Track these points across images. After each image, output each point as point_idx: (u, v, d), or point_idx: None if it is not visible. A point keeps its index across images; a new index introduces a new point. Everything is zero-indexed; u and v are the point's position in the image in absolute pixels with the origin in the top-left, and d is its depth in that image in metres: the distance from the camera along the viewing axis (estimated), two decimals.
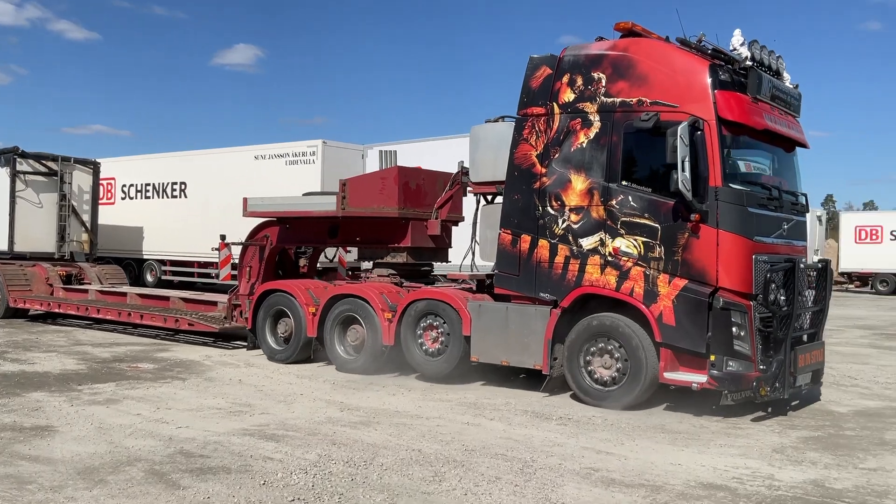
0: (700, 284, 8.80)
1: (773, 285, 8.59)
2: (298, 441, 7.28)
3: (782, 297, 8.64)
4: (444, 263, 13.80)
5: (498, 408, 9.12)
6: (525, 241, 10.17)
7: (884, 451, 6.98)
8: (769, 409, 8.98)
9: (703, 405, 9.19)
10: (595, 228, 9.54)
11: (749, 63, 8.99)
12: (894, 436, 7.55)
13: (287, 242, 14.24)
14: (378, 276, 12.74)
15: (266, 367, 12.07)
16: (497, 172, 10.74)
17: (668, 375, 9.07)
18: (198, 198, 24.76)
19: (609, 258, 9.41)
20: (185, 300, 16.01)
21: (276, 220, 13.88)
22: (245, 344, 14.12)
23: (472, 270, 12.17)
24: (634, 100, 9.27)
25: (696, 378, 8.82)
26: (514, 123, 10.68)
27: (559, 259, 9.83)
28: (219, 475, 6.22)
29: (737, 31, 9.19)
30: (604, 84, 9.52)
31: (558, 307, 9.92)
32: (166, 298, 16.36)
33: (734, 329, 8.54)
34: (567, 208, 9.84)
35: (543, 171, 10.04)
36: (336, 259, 16.53)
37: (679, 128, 8.47)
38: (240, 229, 15.19)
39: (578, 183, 9.73)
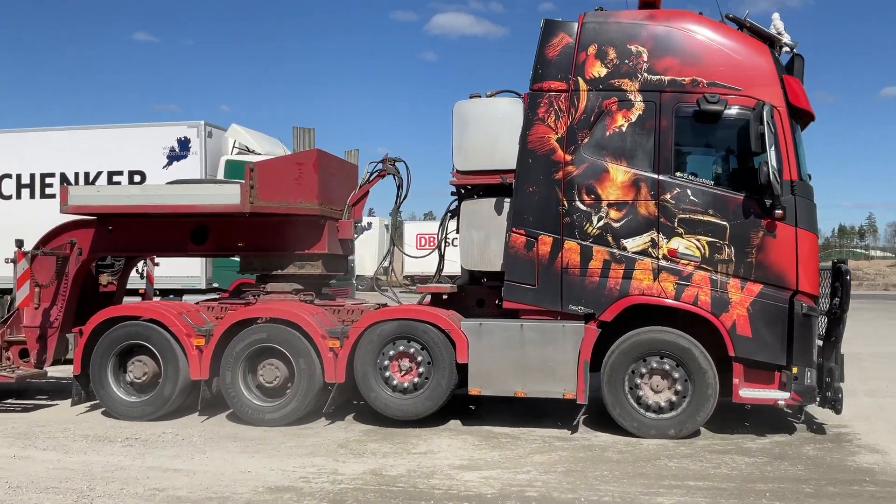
0: (777, 289, 7.90)
1: (838, 285, 8.00)
2: None
3: (838, 300, 7.93)
4: (341, 275, 10.85)
5: (53, 435, 8.14)
6: (545, 243, 8.46)
7: (432, 436, 7.71)
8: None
9: None
10: (644, 227, 8.24)
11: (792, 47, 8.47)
12: (448, 420, 8.37)
13: (107, 250, 10.14)
14: (277, 293, 9.56)
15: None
16: (495, 159, 8.85)
17: (745, 394, 7.83)
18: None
19: (664, 262, 8.15)
20: None
21: (91, 219, 9.90)
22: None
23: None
24: (687, 79, 8.22)
25: (778, 395, 7.73)
26: (517, 100, 8.95)
27: (595, 264, 8.31)
28: None
29: (776, 15, 8.72)
30: (646, 59, 8.32)
31: (594, 321, 8.24)
32: None
33: (814, 337, 7.90)
34: (604, 203, 8.33)
35: (568, 158, 8.41)
36: (143, 273, 12.11)
37: (764, 113, 7.72)
38: None
39: (618, 174, 8.32)
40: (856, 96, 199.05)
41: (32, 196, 15.89)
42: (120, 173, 15.45)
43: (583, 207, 8.35)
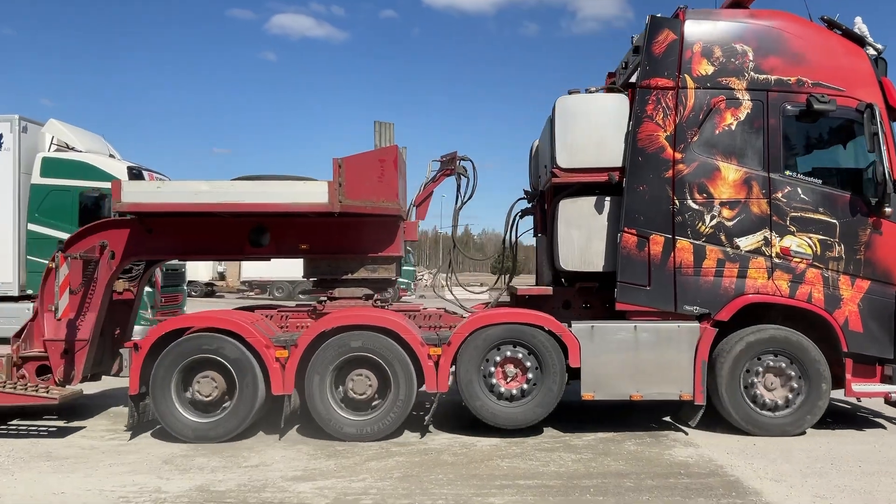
0: (884, 285, 8.23)
1: None
2: None
3: None
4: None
5: None
6: (657, 242, 8.34)
7: (265, 448, 7.42)
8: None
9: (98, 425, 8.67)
10: (757, 226, 8.27)
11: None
12: (282, 430, 8.06)
13: (146, 254, 9.01)
14: (347, 298, 8.87)
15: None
16: (601, 157, 8.54)
17: (858, 388, 8.15)
18: None
19: (777, 260, 8.23)
20: None
21: (126, 220, 8.73)
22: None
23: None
24: (793, 79, 8.36)
25: (888, 388, 8.12)
26: (621, 96, 8.74)
27: (709, 263, 8.29)
28: None
29: (858, 19, 8.85)
30: (751, 58, 8.40)
31: (707, 321, 8.23)
32: None
33: None
34: (716, 202, 8.32)
35: (678, 156, 8.34)
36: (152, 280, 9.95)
37: (877, 113, 7.97)
38: None
39: (730, 172, 8.37)
40: None
41: None
42: None
43: (694, 206, 8.39)
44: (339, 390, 8.11)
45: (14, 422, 8.96)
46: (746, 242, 8.36)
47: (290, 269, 38.97)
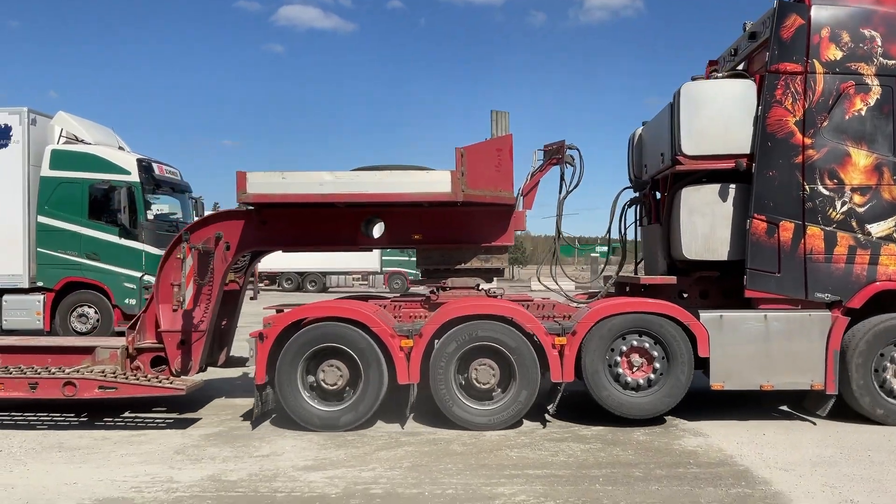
0: None
1: None
2: None
3: None
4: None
5: None
6: (786, 229, 8.31)
7: (276, 437, 7.48)
8: None
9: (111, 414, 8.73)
10: (888, 212, 8.29)
11: None
12: (283, 423, 8.12)
13: (259, 244, 9.07)
14: (459, 288, 8.93)
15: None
16: (728, 143, 8.50)
17: None
18: None
19: None
20: (8, 349, 8.84)
21: (240, 211, 8.87)
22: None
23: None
24: None
25: None
26: (748, 81, 8.67)
27: (840, 250, 8.29)
28: None
29: None
30: (879, 44, 8.40)
31: (838, 309, 8.19)
32: None
33: None
34: (847, 188, 8.31)
35: (808, 141, 8.34)
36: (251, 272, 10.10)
37: None
38: None
39: (860, 157, 8.36)
40: None
41: None
42: None
43: (825, 192, 8.36)
44: (461, 379, 8.10)
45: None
46: (878, 229, 8.38)
47: (298, 261, 39.20)
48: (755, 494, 5.74)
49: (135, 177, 14.37)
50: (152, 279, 14.27)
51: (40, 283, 14.31)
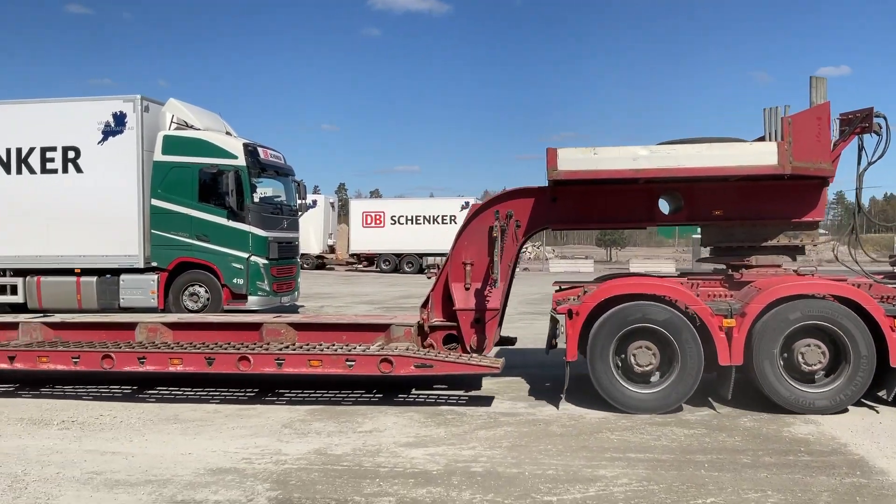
0: None
1: None
2: None
3: None
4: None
5: None
6: None
7: (378, 415, 7.65)
8: None
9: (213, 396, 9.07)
10: None
11: None
12: (393, 399, 8.32)
13: (550, 223, 8.96)
14: (766, 266, 8.48)
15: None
16: None
17: None
18: None
19: None
20: (298, 325, 9.14)
21: (531, 189, 8.84)
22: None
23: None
24: None
25: None
26: None
27: None
28: None
29: None
30: None
31: None
32: (256, 326, 9.17)
33: None
34: None
35: None
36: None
37: None
38: None
39: None
40: None
41: None
42: (54, 149, 14.99)
43: None
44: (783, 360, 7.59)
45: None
46: None
47: (395, 243, 39.85)
48: (871, 485, 5.48)
49: (241, 161, 14.81)
50: (259, 260, 14.84)
51: (154, 264, 15.01)
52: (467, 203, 40.68)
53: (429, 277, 9.62)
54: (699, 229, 10.41)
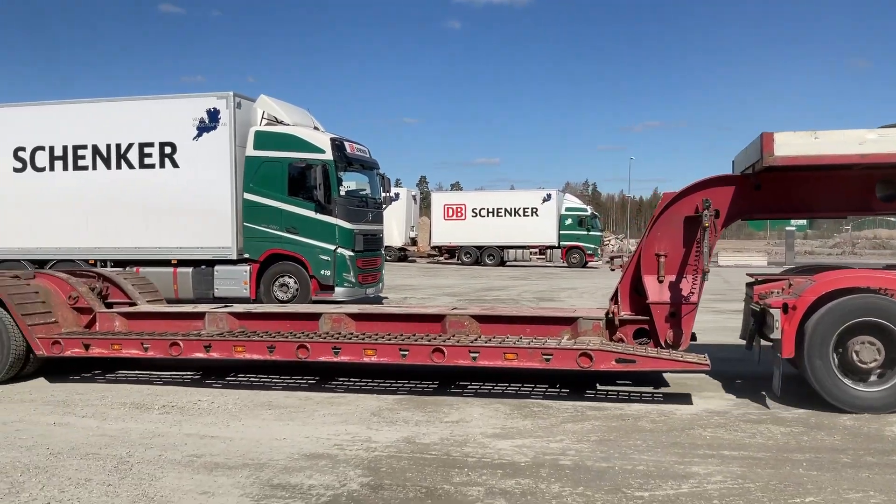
0: None
1: None
2: None
3: None
4: None
5: (91, 403, 8.30)
6: None
7: (464, 405, 7.72)
8: None
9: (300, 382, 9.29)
10: None
11: None
12: (474, 388, 8.41)
13: (752, 212, 8.67)
14: None
15: None
16: None
17: None
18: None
19: None
20: (481, 318, 8.99)
21: (731, 177, 8.60)
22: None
23: None
24: None
25: None
26: None
27: None
28: None
29: None
30: None
31: None
32: (439, 318, 9.11)
33: None
34: None
35: None
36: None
37: None
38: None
39: None
40: None
41: (66, 168, 16.10)
42: (151, 145, 15.60)
43: None
44: None
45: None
46: None
47: (476, 234, 39.93)
48: None
49: (329, 155, 15.12)
50: (345, 252, 15.10)
51: (247, 255, 15.48)
52: (549, 195, 40.43)
53: (612, 269, 9.27)
54: (792, 221, 9.85)
